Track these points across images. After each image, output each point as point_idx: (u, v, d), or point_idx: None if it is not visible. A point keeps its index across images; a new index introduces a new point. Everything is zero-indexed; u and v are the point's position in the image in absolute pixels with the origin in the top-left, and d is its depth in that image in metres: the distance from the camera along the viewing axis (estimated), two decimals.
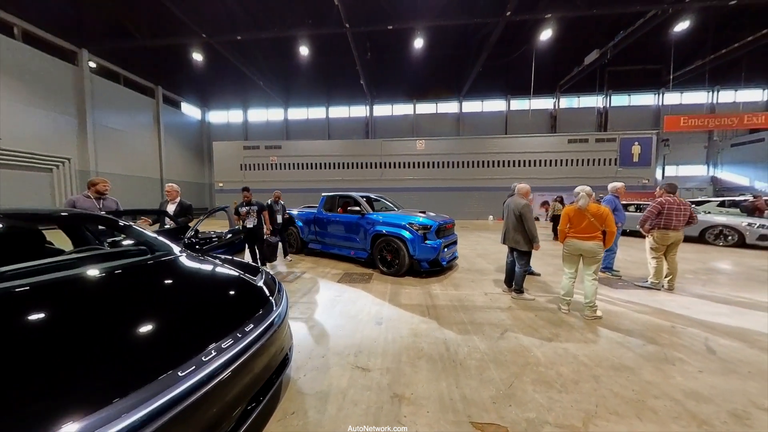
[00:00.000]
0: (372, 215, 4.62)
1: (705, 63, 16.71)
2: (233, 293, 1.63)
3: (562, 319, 2.61)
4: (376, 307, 2.98)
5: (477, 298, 3.23)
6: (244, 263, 2.10)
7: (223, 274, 1.84)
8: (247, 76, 18.59)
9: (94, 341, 0.99)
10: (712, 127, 16.86)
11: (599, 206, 2.63)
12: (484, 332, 2.36)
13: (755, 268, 4.65)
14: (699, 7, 12.42)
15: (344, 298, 3.27)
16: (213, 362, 1.03)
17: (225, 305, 1.49)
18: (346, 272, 4.49)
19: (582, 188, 2.71)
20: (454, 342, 2.20)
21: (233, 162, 19.46)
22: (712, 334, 2.30)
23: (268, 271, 1.96)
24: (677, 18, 13.34)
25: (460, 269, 4.68)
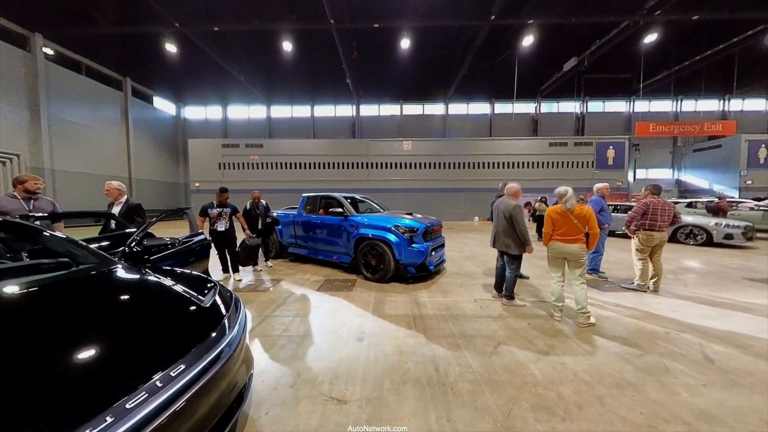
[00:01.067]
0: (355, 217, 4.33)
1: (670, 74, 17.95)
2: (173, 317, 1.29)
3: (556, 328, 2.46)
4: (358, 319, 2.69)
5: (466, 305, 3.03)
6: (195, 276, 1.75)
7: (164, 291, 1.49)
8: (226, 70, 17.69)
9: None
10: (677, 133, 18.10)
11: (582, 207, 2.54)
12: (475, 346, 2.14)
13: (726, 266, 4.83)
14: (665, 20, 13.24)
15: (323, 310, 2.96)
16: (137, 411, 0.73)
17: (160, 333, 1.16)
18: (328, 279, 4.16)
19: (566, 189, 2.61)
20: (444, 360, 1.96)
21: (211, 161, 18.41)
22: (705, 339, 2.23)
23: (222, 286, 1.63)
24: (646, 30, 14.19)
25: (448, 273, 4.49)
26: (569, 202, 2.54)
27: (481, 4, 12.55)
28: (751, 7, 12.66)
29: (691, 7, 12.57)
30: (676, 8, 12.42)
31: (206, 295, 1.47)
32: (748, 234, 6.82)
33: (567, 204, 2.54)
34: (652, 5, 12.32)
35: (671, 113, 21.10)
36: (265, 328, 2.52)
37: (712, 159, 18.73)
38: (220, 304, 1.43)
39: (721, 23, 13.78)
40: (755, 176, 16.92)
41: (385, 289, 3.62)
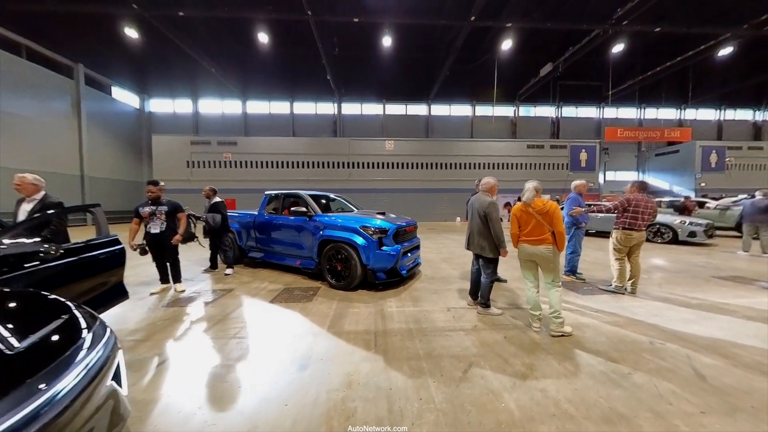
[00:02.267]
0: (320, 217, 3.86)
1: (635, 83, 19.14)
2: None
3: (535, 341, 2.16)
4: (308, 338, 2.25)
5: (438, 316, 2.68)
6: (44, 301, 1.23)
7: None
8: (196, 61, 16.46)
9: None
10: (641, 138, 19.34)
11: (545, 202, 2.29)
12: (443, 370, 1.78)
13: (694, 264, 4.90)
14: (631, 31, 14.00)
15: (270, 327, 2.47)
16: None
17: None
18: (287, 287, 3.66)
19: (530, 182, 2.39)
20: (402, 393, 1.57)
21: (178, 158, 17.02)
22: (691, 349, 2.03)
23: (73, 311, 1.13)
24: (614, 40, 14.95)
25: (423, 277, 4.15)
26: (525, 195, 2.33)
27: (462, 5, 12.57)
28: (704, 24, 13.71)
29: (654, 20, 13.39)
30: (640, 20, 13.17)
31: (34, 333, 0.97)
32: (708, 232, 7.14)
33: (523, 197, 2.33)
34: (620, 15, 12.95)
35: (636, 120, 22.54)
36: (185, 357, 2.00)
37: (671, 163, 20.16)
38: (56, 342, 0.94)
39: (679, 37, 14.82)
40: (708, 178, 18.40)
41: (350, 299, 3.19)
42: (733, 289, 3.50)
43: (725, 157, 18.59)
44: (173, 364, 1.89)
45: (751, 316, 2.65)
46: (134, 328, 2.44)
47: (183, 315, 2.72)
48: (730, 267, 4.63)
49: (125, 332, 2.34)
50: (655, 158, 21.34)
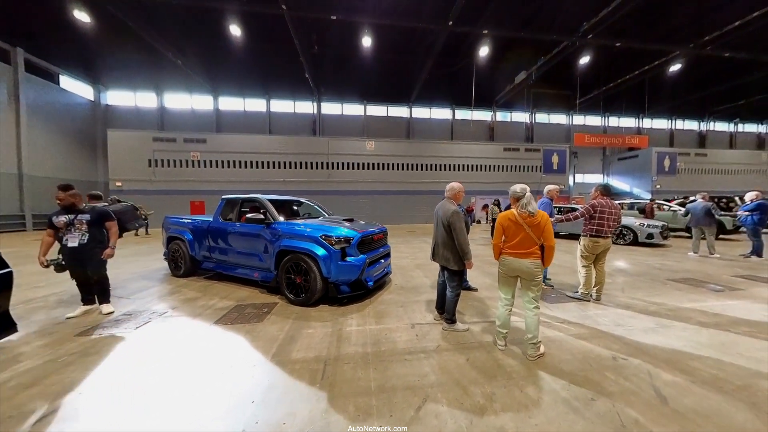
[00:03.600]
0: (279, 225, 3.51)
1: (599, 93, 20.51)
2: None
3: (499, 363, 2.01)
4: (244, 371, 1.92)
5: (400, 335, 2.46)
6: None
7: None
8: (159, 52, 15.19)
9: None
10: (605, 144, 20.72)
11: (538, 212, 2.09)
12: (393, 409, 1.55)
13: (651, 266, 5.14)
14: (596, 44, 14.92)
15: (202, 358, 2.11)
16: None
17: None
18: (240, 304, 3.27)
19: (522, 187, 2.15)
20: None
21: (138, 156, 15.59)
22: (652, 364, 1.97)
23: None
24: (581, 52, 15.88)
25: (393, 287, 3.94)
26: (530, 206, 2.06)
27: (440, 9, 12.67)
28: (657, 41, 14.94)
29: (615, 36, 14.36)
30: (603, 35, 14.07)
31: None
32: (664, 233, 7.64)
33: (528, 208, 2.05)
34: (585, 29, 13.74)
35: (601, 127, 24.18)
36: (73, 410, 1.60)
37: (631, 167, 21.81)
38: None
39: (637, 53, 16.04)
40: (662, 181, 20.12)
41: (307, 316, 2.89)
42: (686, 292, 3.64)
43: (677, 162, 20.43)
44: (57, 420, 1.49)
45: (704, 322, 2.71)
46: (25, 368, 1.97)
47: (96, 347, 2.26)
48: (683, 269, 4.90)
49: (8, 377, 1.87)
50: (618, 162, 22.98)
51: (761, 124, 26.36)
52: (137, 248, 7.53)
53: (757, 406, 1.56)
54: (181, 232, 4.53)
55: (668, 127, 25.27)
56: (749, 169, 21.46)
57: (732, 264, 5.24)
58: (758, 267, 4.99)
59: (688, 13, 13.85)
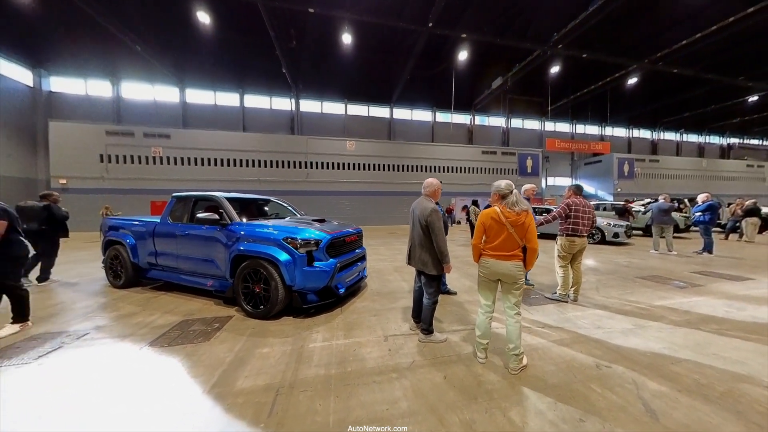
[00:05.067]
0: (237, 227, 3.07)
1: (568, 101, 21.87)
2: None
3: (480, 380, 1.78)
4: (172, 411, 1.51)
5: (371, 351, 2.16)
6: None
7: None
8: (114, 35, 13.68)
9: None
10: (573, 149, 22.08)
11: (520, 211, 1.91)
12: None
13: (620, 264, 5.33)
14: (565, 54, 15.82)
15: (115, 396, 1.66)
16: None
17: None
18: (186, 319, 2.79)
19: (507, 183, 1.93)
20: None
21: (88, 151, 13.89)
22: (637, 372, 1.86)
23: None
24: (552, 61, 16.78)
25: (368, 293, 3.64)
26: (519, 205, 1.85)
27: (421, 10, 12.68)
28: (617, 55, 16.16)
29: (582, 47, 15.31)
30: (572, 46, 14.95)
31: None
32: (627, 232, 8.10)
33: (516, 208, 1.85)
34: (556, 39, 14.50)
35: (569, 133, 25.81)
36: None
37: (596, 171, 23.45)
38: None
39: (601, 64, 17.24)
40: (623, 185, 21.82)
41: (266, 332, 2.50)
42: (654, 289, 3.73)
43: (635, 167, 22.29)
44: None
45: (677, 321, 2.72)
46: None
47: None
48: (648, 266, 5.12)
49: None
50: (584, 167, 24.62)
51: (701, 134, 29.74)
52: (78, 255, 6.52)
53: (744, 416, 1.46)
54: (122, 236, 3.88)
55: (627, 135, 27.61)
56: (693, 174, 24.00)
57: (688, 261, 5.59)
58: (710, 263, 5.36)
59: (644, 31, 15.15)
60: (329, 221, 3.76)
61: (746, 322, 2.70)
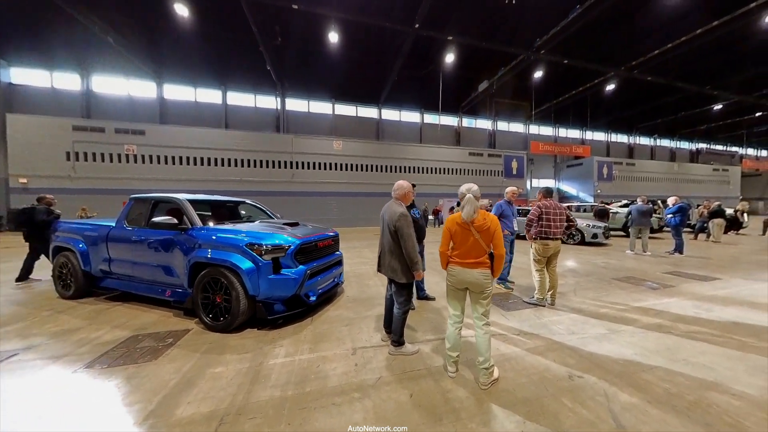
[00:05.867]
0: (196, 231, 2.83)
1: (551, 106, 22.56)
2: None
3: (447, 397, 1.66)
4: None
5: (336, 366, 2.00)
6: None
7: None
8: (82, 25, 12.82)
9: None
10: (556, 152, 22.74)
11: (485, 215, 1.81)
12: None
13: (597, 265, 5.43)
14: (547, 60, 16.27)
15: (32, 429, 1.42)
16: None
17: None
18: (137, 334, 2.52)
19: (468, 187, 1.85)
20: None
21: (52, 148, 12.95)
22: (608, 382, 1.80)
23: None
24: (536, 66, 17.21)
25: (344, 299, 3.47)
26: (464, 209, 1.78)
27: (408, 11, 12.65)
28: (596, 62, 16.81)
29: (563, 54, 15.81)
30: (554, 52, 15.41)
31: None
32: (605, 233, 8.34)
33: (462, 211, 1.78)
34: (539, 45, 14.89)
35: (552, 136, 26.63)
36: None
37: (577, 173, 24.30)
38: None
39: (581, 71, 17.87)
40: (602, 186, 22.71)
41: (224, 347, 2.28)
42: (629, 291, 3.78)
43: (613, 170, 23.26)
44: None
45: (649, 324, 2.72)
46: None
47: None
48: (624, 267, 5.24)
49: None
50: (566, 169, 25.46)
51: (673, 140, 31.52)
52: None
53: (713, 428, 1.42)
54: (71, 241, 3.52)
55: (605, 139, 28.82)
56: (666, 177, 25.35)
57: (661, 261, 5.78)
58: (681, 263, 5.56)
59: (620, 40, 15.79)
60: (303, 225, 3.57)
61: (714, 322, 2.74)
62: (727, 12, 12.69)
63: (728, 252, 6.83)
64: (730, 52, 16.19)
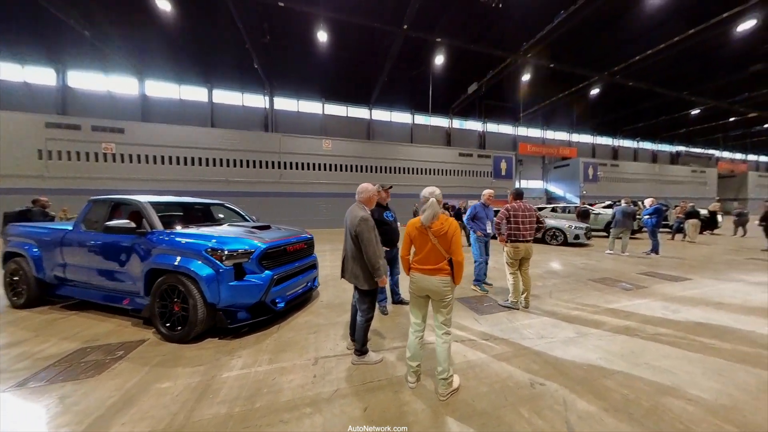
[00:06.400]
0: (156, 235, 2.68)
1: (539, 108, 22.95)
2: None
3: (403, 410, 1.60)
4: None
5: (294, 378, 1.91)
6: None
7: None
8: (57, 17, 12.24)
9: None
10: (544, 153, 23.23)
11: (443, 219, 1.74)
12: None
13: (577, 266, 5.50)
14: (534, 63, 16.57)
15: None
16: None
17: None
18: (86, 346, 2.36)
19: (431, 191, 1.78)
20: None
21: (22, 145, 12.29)
22: (568, 389, 1.78)
23: None
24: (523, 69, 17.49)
25: (316, 305, 3.37)
26: (425, 213, 1.70)
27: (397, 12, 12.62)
28: (582, 66, 17.22)
29: (549, 58, 16.13)
30: (540, 55, 15.70)
31: None
32: (587, 234, 8.50)
33: (422, 216, 1.71)
34: (526, 48, 15.13)
35: (540, 138, 27.14)
36: None
37: (564, 174, 24.83)
38: None
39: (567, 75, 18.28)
40: (588, 187, 23.27)
41: (179, 359, 2.15)
42: (604, 293, 3.83)
43: (598, 171, 23.88)
44: None
45: (617, 326, 2.74)
46: None
47: None
48: (602, 268, 5.32)
49: None
50: (554, 170, 25.99)
51: (654, 142, 32.67)
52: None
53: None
54: (23, 246, 3.29)
55: (591, 141, 29.59)
56: (648, 178, 26.21)
57: (637, 261, 5.91)
58: (657, 264, 5.69)
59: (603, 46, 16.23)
60: (276, 228, 3.45)
61: (680, 324, 2.78)
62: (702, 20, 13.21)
63: (702, 252, 7.06)
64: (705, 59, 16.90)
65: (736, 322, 2.83)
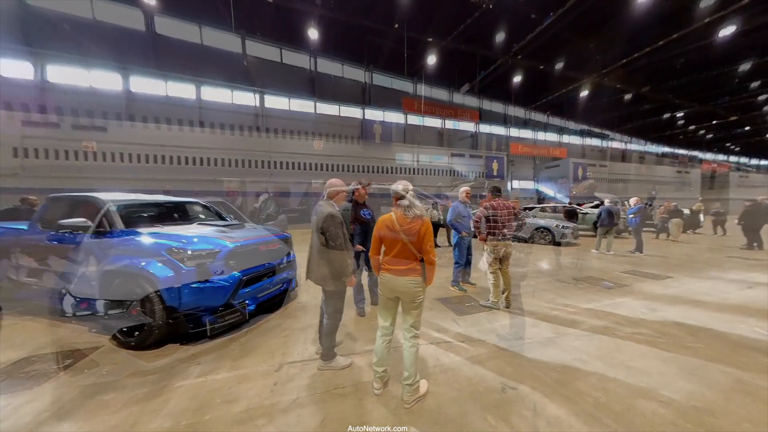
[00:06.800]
0: (115, 235, 2.51)
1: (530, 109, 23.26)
2: None
3: (363, 421, 1.50)
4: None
5: (252, 387, 1.79)
6: None
7: None
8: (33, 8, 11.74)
9: None
10: (535, 154, 23.53)
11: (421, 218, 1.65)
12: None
13: (563, 266, 5.50)
14: (524, 65, 16.75)
15: None
16: None
17: None
18: (32, 355, 2.18)
19: (405, 186, 1.67)
20: None
21: None
22: (540, 392, 1.71)
23: None
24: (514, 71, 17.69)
25: (293, 306, 3.25)
26: (412, 210, 1.59)
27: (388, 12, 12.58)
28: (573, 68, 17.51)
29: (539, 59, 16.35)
30: (530, 57, 15.89)
31: None
32: (575, 233, 8.56)
33: (408, 213, 1.59)
34: (516, 50, 15.28)
35: (531, 139, 27.48)
36: None
37: (555, 174, 25.17)
38: None
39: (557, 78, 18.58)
40: (578, 187, 23.64)
41: (130, 366, 2.00)
42: (586, 291, 3.81)
43: (587, 172, 24.28)
44: None
45: (596, 326, 2.70)
46: None
47: None
48: (587, 267, 5.33)
49: None
50: (545, 170, 26.33)
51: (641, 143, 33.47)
52: None
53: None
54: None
55: (581, 142, 30.13)
56: (635, 178, 26.81)
57: (622, 260, 5.95)
58: (640, 262, 5.75)
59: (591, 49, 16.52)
60: (251, 227, 3.32)
61: (658, 323, 2.76)
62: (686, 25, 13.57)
63: (683, 251, 7.18)
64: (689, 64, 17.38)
65: (713, 320, 2.83)
